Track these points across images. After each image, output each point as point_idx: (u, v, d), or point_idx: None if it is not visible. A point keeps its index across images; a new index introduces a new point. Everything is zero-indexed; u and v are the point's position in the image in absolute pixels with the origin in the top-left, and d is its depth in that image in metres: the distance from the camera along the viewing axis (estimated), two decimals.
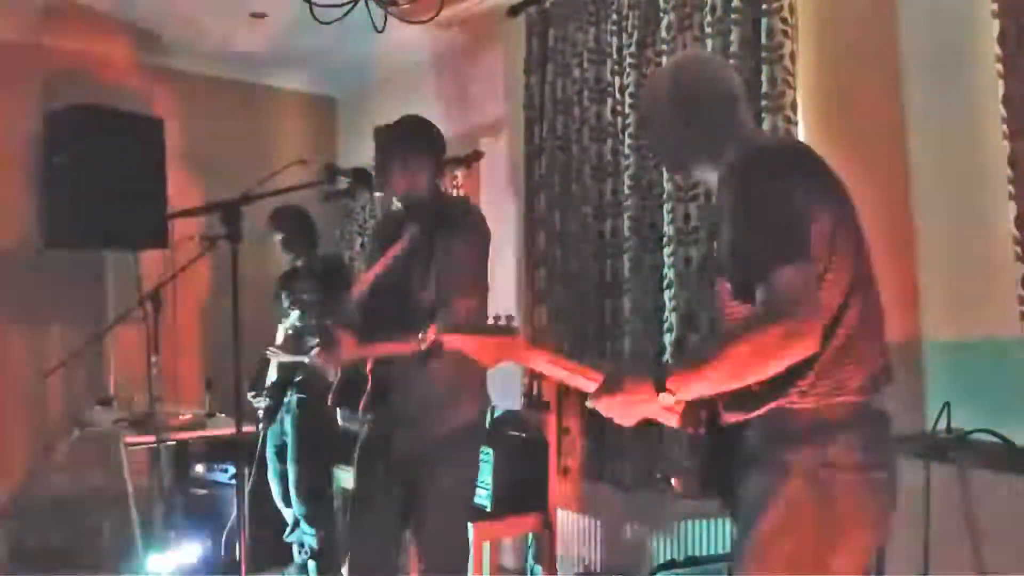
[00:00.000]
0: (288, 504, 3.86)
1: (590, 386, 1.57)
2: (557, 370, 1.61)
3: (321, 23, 2.97)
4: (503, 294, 3.75)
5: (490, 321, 1.56)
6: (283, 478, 3.87)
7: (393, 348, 2.41)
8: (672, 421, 1.60)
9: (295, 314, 3.82)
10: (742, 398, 1.50)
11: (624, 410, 1.53)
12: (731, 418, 1.56)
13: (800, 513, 1.46)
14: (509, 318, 1.53)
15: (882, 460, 1.51)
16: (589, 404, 1.55)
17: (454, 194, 4.26)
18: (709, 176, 1.71)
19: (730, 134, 1.65)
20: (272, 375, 3.81)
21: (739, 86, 1.72)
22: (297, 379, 3.75)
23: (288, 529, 3.90)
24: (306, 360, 3.26)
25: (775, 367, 1.41)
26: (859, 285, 1.50)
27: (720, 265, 1.62)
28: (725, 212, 1.57)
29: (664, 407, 1.52)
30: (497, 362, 1.58)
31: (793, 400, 1.47)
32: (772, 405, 1.48)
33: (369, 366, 2.53)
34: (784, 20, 2.69)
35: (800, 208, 1.45)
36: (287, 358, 3.74)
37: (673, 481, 2.12)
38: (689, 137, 1.68)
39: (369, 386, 2.51)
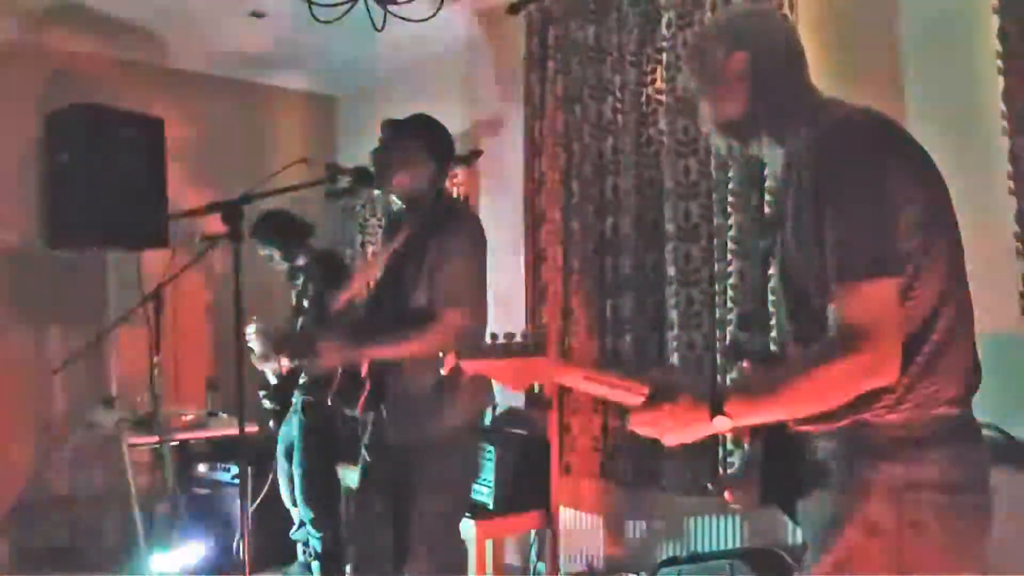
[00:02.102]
0: (296, 504, 3.86)
1: (634, 400, 1.37)
2: (595, 386, 1.40)
3: (320, 22, 2.97)
4: (504, 294, 3.75)
5: (487, 340, 1.36)
6: (291, 478, 3.87)
7: (382, 351, 2.41)
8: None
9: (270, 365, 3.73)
10: None
11: (671, 429, 1.35)
12: (803, 428, 1.38)
13: (881, 540, 1.29)
14: (508, 336, 1.37)
15: (977, 480, 1.33)
16: (630, 422, 1.38)
17: (454, 192, 4.26)
18: (772, 152, 1.49)
19: (798, 100, 1.43)
20: (273, 380, 3.80)
21: (802, 45, 1.47)
22: (302, 381, 3.75)
23: (295, 526, 3.90)
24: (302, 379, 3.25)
25: (848, 397, 1.27)
26: (954, 281, 1.32)
27: (783, 266, 1.43)
28: (793, 200, 1.35)
29: (718, 431, 1.35)
30: (526, 385, 1.40)
31: (879, 414, 1.30)
32: (852, 420, 1.31)
33: (366, 366, 2.53)
34: (784, 17, 2.69)
35: (890, 198, 1.25)
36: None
37: (726, 493, 1.95)
38: (748, 103, 1.45)
39: (367, 386, 2.51)
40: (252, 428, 3.77)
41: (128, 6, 4.05)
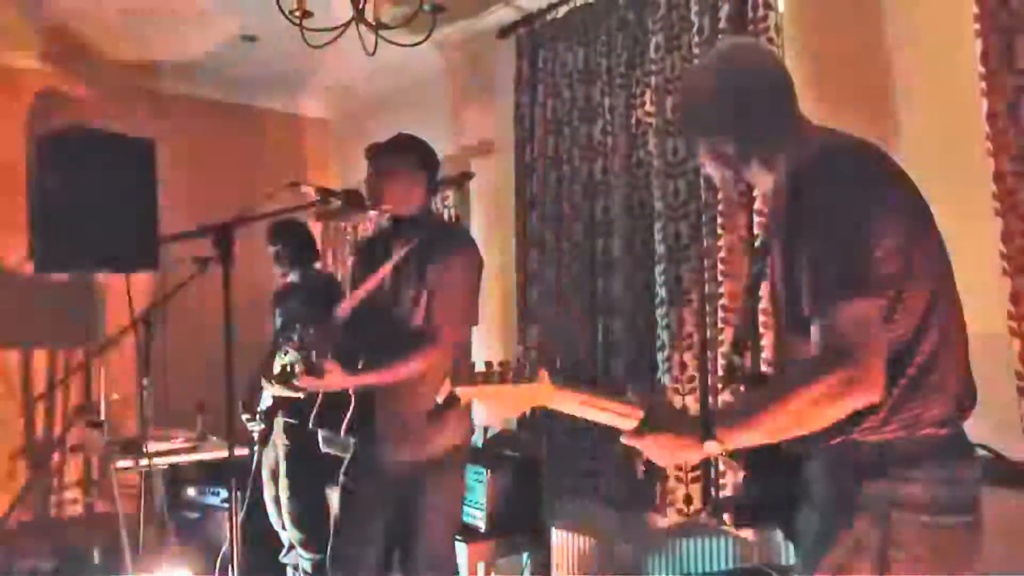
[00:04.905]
0: (284, 527, 3.83)
1: (627, 424, 1.39)
2: (589, 411, 1.41)
3: (312, 46, 2.99)
4: (496, 316, 3.75)
5: (480, 367, 1.38)
6: (278, 500, 3.84)
7: (382, 378, 2.41)
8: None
9: (292, 354, 3.73)
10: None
11: (664, 453, 1.38)
12: (792, 447, 1.40)
13: (867, 558, 1.30)
14: (503, 363, 1.38)
15: (964, 501, 1.34)
16: (625, 442, 1.41)
17: (445, 214, 4.28)
18: (761, 180, 1.54)
19: (785, 130, 1.48)
20: (267, 400, 3.78)
21: (790, 76, 1.52)
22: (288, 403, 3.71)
23: (284, 550, 3.87)
24: (301, 396, 3.23)
25: (835, 417, 1.27)
26: (938, 303, 1.34)
27: (773, 289, 1.46)
28: (778, 227, 1.39)
29: (709, 456, 1.36)
30: (521, 411, 1.40)
31: (864, 434, 1.32)
32: (839, 440, 1.33)
33: (352, 388, 2.52)
34: (771, 40, 2.73)
35: (867, 226, 1.28)
36: (282, 393, 3.67)
37: (725, 516, 1.96)
38: (739, 134, 1.49)
39: (352, 407, 2.50)
40: (242, 451, 3.75)
41: (119, 30, 4.07)
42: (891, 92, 2.57)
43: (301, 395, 2.69)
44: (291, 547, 3.85)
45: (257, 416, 3.78)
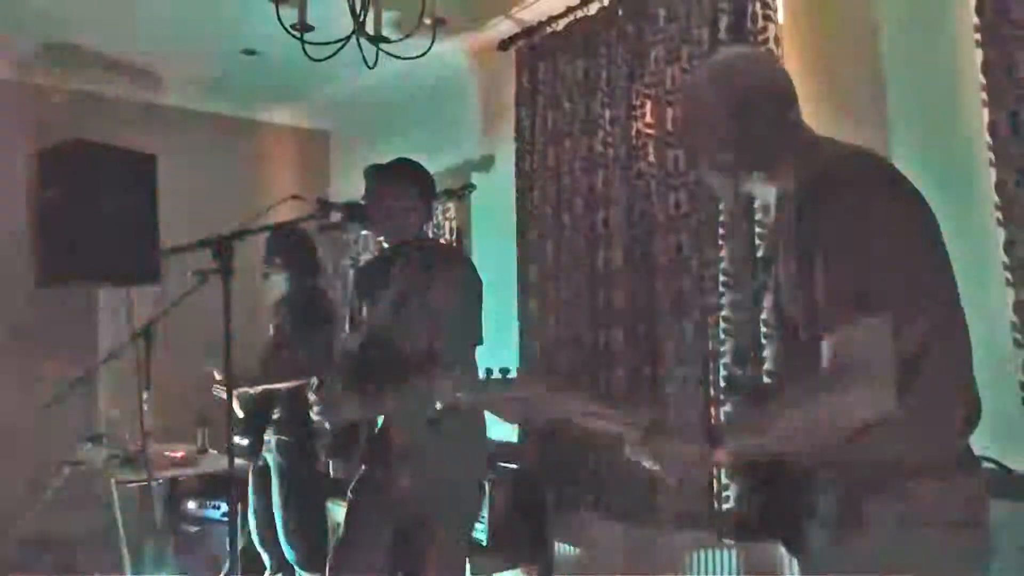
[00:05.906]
0: (264, 544, 3.74)
1: (630, 433, 1.36)
2: (591, 420, 1.39)
3: (312, 60, 2.99)
4: (497, 328, 3.74)
5: (483, 375, 1.37)
6: (259, 515, 3.74)
7: (396, 405, 2.40)
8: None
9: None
10: None
11: (670, 463, 1.35)
12: (799, 460, 1.38)
13: (873, 573, 1.28)
14: (504, 370, 1.37)
15: (975, 515, 1.32)
16: (629, 454, 1.37)
17: (446, 227, 4.28)
18: (763, 191, 1.53)
19: (788, 139, 1.46)
20: (240, 413, 3.65)
21: (792, 84, 1.50)
22: (274, 417, 3.64)
23: (268, 572, 3.80)
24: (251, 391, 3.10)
25: (845, 433, 1.26)
26: (945, 316, 1.34)
27: (777, 302, 1.45)
28: (788, 239, 1.36)
29: (716, 467, 1.37)
30: (521, 419, 1.39)
31: (872, 447, 1.29)
32: (848, 452, 1.31)
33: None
34: (770, 52, 2.73)
35: (879, 240, 1.26)
36: (253, 389, 3.58)
37: (726, 529, 1.95)
38: (740, 143, 1.46)
39: (364, 435, 2.49)
40: (241, 464, 3.71)
41: (121, 44, 4.08)
42: (891, 103, 2.56)
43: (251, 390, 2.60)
44: (277, 570, 3.76)
45: (238, 432, 3.67)
